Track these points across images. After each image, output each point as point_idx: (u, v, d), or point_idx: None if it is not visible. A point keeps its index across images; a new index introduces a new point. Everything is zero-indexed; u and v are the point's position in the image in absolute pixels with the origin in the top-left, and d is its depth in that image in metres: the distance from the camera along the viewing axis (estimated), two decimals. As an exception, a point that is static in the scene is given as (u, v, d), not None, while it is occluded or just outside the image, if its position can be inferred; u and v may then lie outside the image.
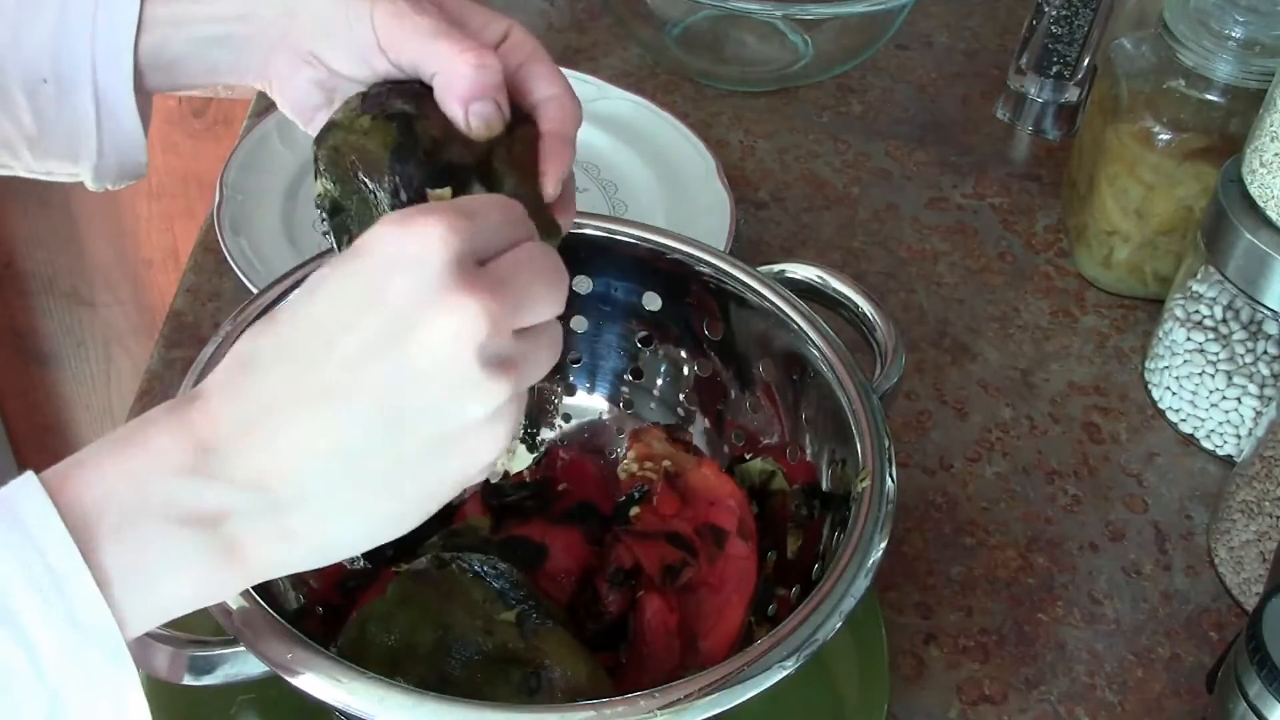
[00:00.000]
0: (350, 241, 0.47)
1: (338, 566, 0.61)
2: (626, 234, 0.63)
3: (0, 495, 0.38)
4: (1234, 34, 0.78)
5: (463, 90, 0.49)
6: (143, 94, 0.56)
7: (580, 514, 0.63)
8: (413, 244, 0.39)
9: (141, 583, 0.38)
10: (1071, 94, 0.98)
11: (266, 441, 0.39)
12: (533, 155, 0.52)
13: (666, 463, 0.64)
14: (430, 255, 0.39)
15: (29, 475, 0.38)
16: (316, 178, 0.50)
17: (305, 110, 0.55)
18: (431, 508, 0.42)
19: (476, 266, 0.40)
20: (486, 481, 0.65)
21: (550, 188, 0.52)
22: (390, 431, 0.39)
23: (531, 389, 0.43)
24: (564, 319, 0.44)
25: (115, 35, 0.53)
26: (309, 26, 0.53)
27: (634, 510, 0.62)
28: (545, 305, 0.42)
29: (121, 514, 0.38)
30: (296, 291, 0.42)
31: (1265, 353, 0.74)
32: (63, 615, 0.37)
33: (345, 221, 0.50)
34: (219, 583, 0.40)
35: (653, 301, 0.65)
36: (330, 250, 0.53)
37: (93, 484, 0.38)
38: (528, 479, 0.66)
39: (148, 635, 0.47)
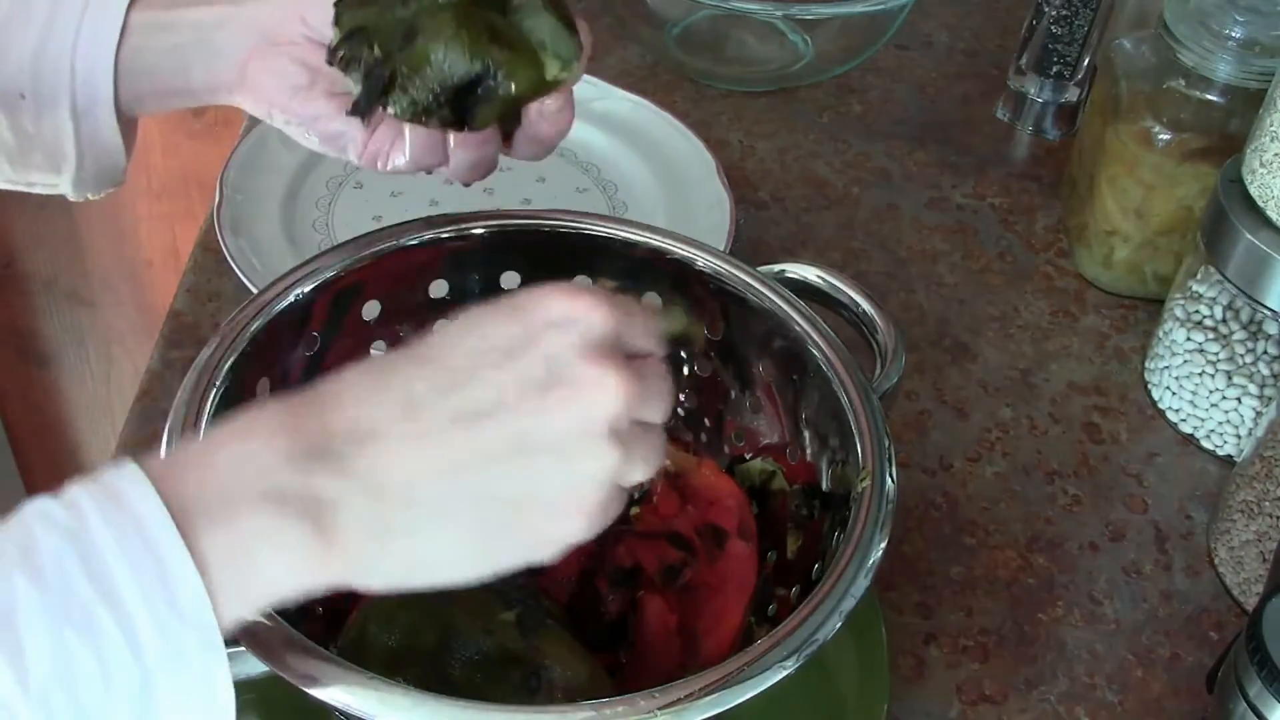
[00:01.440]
0: (366, 71, 0.52)
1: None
2: (626, 234, 0.63)
3: (103, 480, 0.39)
4: (1234, 34, 0.78)
5: None
6: (121, 108, 0.56)
7: None
8: (578, 310, 0.42)
9: (238, 569, 0.39)
10: (1071, 94, 0.98)
11: (393, 447, 0.40)
12: None
13: (667, 463, 0.64)
14: (592, 324, 0.42)
15: (129, 462, 0.39)
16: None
17: (285, 93, 0.55)
18: (512, 559, 0.43)
19: (611, 349, 0.43)
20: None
21: None
22: (509, 468, 0.41)
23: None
24: None
25: (97, 45, 0.54)
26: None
27: (634, 510, 0.62)
28: (659, 409, 0.44)
29: (223, 498, 0.39)
30: (446, 324, 0.44)
31: (1265, 353, 0.75)
32: (162, 598, 0.37)
33: (361, 41, 0.52)
34: (312, 573, 0.40)
35: (653, 301, 0.65)
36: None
37: (196, 471, 0.40)
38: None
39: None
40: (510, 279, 0.63)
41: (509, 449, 0.41)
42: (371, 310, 0.62)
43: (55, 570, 0.37)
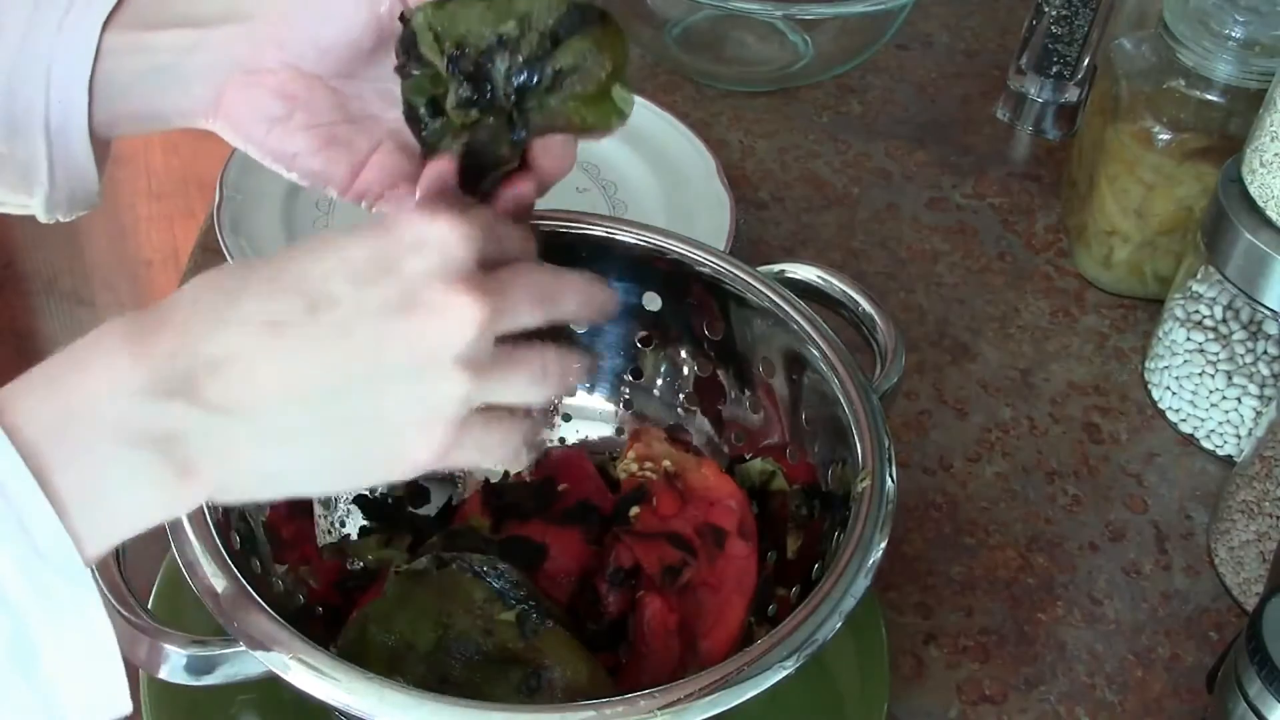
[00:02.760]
0: (429, 104, 0.50)
1: (337, 566, 0.61)
2: (626, 234, 0.63)
3: None
4: (1234, 34, 0.78)
5: None
6: (95, 131, 0.55)
7: (580, 514, 0.63)
8: (436, 233, 0.42)
9: (95, 504, 0.39)
10: (1071, 94, 0.98)
11: (245, 370, 0.40)
12: None
13: (666, 463, 0.64)
14: (450, 245, 0.42)
15: None
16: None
17: (261, 125, 0.53)
18: (366, 477, 0.45)
19: (482, 271, 0.43)
20: (486, 481, 0.65)
21: None
22: (360, 390, 0.41)
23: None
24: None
25: (72, 67, 0.52)
26: (289, 13, 0.52)
27: (634, 510, 0.62)
28: (529, 317, 0.44)
29: (75, 435, 0.39)
30: (299, 245, 0.43)
31: (1265, 353, 0.74)
32: (19, 540, 0.37)
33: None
34: (169, 503, 0.41)
35: (653, 301, 0.64)
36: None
37: (45, 403, 0.39)
38: (528, 479, 0.66)
39: (149, 635, 0.47)
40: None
41: (360, 372, 0.41)
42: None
43: None
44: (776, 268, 0.63)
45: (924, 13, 1.10)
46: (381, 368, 0.41)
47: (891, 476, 0.54)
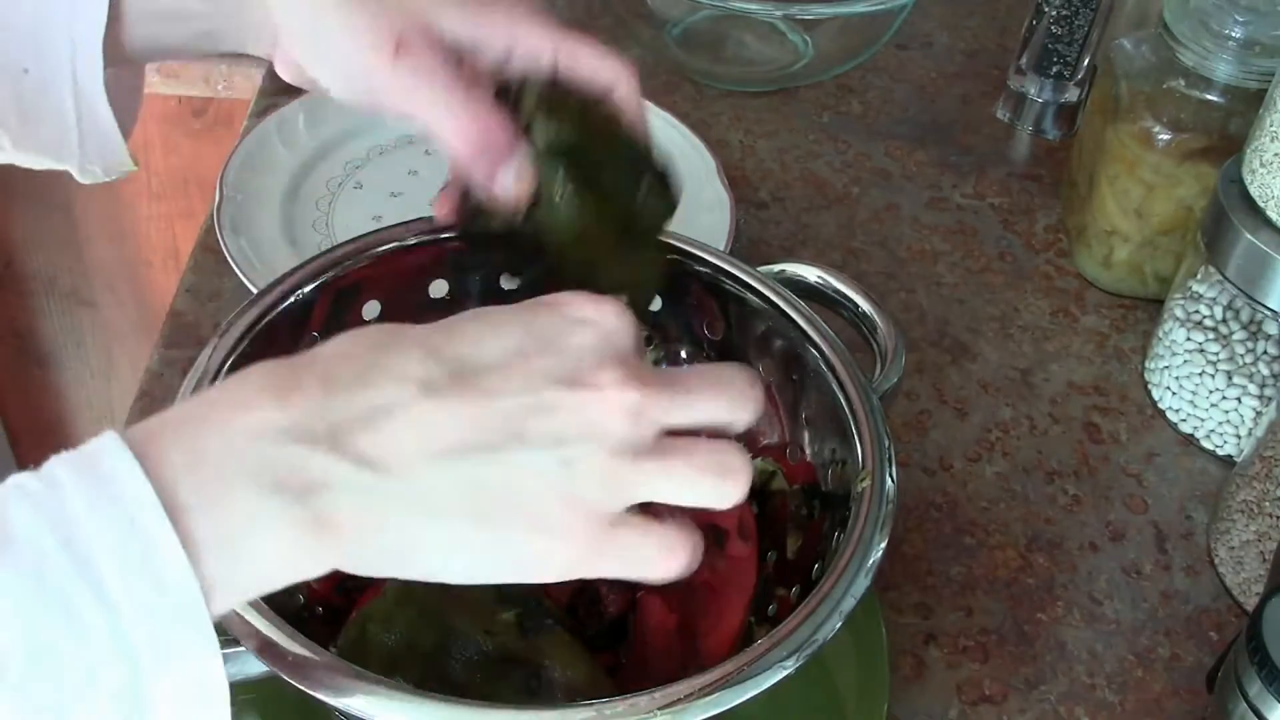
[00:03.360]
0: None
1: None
2: (626, 234, 0.63)
3: (84, 451, 0.37)
4: (1234, 34, 0.78)
5: (461, 160, 0.51)
6: (125, 76, 0.55)
7: None
8: (603, 314, 0.42)
9: (229, 556, 0.37)
10: (1071, 94, 0.98)
11: (396, 426, 0.38)
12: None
13: None
14: (616, 329, 0.41)
15: (111, 433, 0.37)
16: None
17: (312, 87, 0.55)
18: (495, 570, 0.41)
19: (633, 360, 0.42)
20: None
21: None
22: (508, 459, 0.39)
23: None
24: None
25: (90, 27, 0.53)
26: (299, 52, 0.53)
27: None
28: (705, 409, 0.42)
29: (212, 477, 0.37)
30: (465, 313, 0.42)
31: (1265, 353, 0.74)
32: (148, 585, 0.35)
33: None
34: (303, 560, 0.38)
35: (653, 301, 0.64)
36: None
37: (185, 443, 0.37)
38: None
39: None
40: (511, 279, 0.63)
41: (511, 442, 0.39)
42: (371, 310, 0.62)
43: (31, 552, 0.34)
44: (776, 268, 0.63)
45: (924, 13, 1.10)
46: (531, 439, 0.39)
47: (891, 476, 0.54)
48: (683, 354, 0.65)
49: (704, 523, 0.61)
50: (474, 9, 0.53)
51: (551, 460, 0.39)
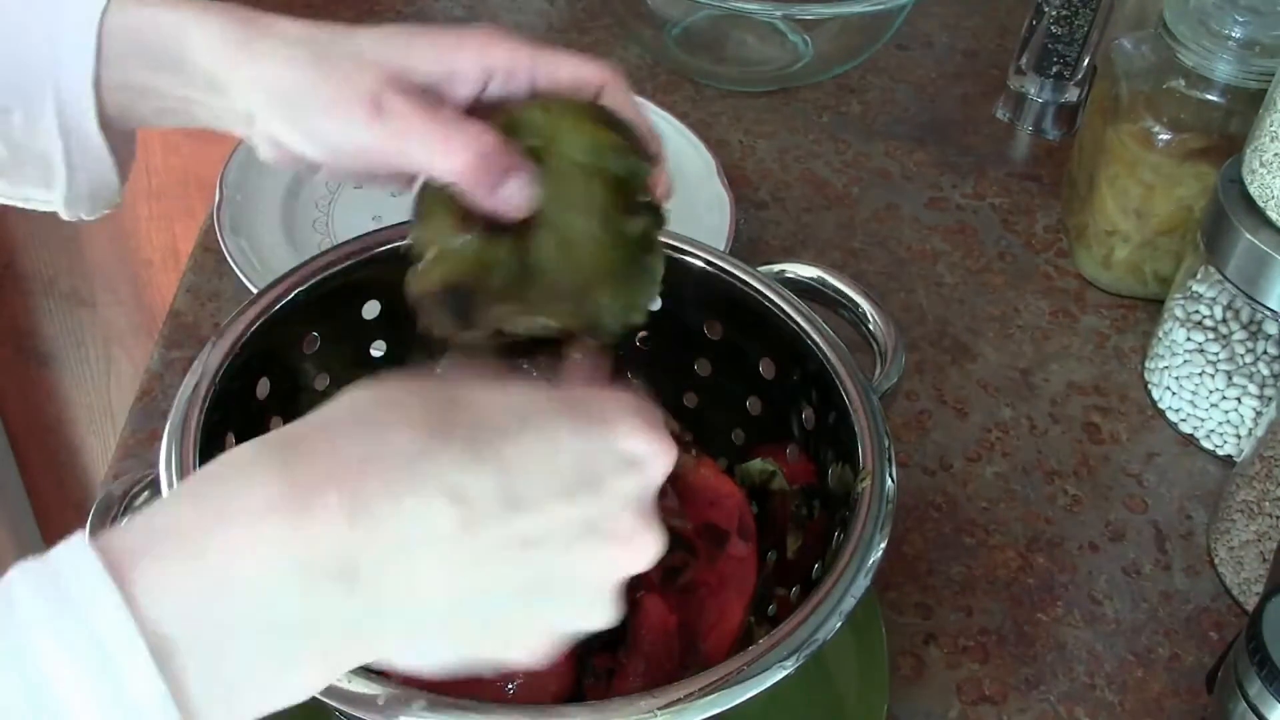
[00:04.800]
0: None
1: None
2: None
3: (50, 562, 0.33)
4: (1234, 34, 0.78)
5: (468, 185, 0.49)
6: (114, 131, 0.55)
7: None
8: (650, 453, 0.40)
9: (222, 692, 0.34)
10: (1071, 94, 0.98)
11: (422, 565, 0.36)
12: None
13: None
14: (657, 475, 0.41)
15: (83, 544, 0.33)
16: None
17: (298, 169, 0.55)
18: (478, 665, 0.41)
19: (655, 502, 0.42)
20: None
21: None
22: (522, 603, 0.39)
23: None
24: None
25: (75, 75, 0.52)
26: (273, 132, 0.52)
27: None
28: None
29: (208, 622, 0.34)
30: (511, 398, 0.40)
31: (1265, 353, 0.74)
32: None
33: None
34: (298, 690, 0.36)
35: (653, 302, 0.64)
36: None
37: (174, 575, 0.33)
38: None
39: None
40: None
41: (532, 582, 0.39)
42: (371, 310, 0.62)
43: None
44: (776, 268, 0.63)
45: (924, 13, 1.10)
46: (552, 590, 0.39)
47: (891, 476, 0.54)
48: (683, 354, 0.65)
49: (704, 523, 0.61)
50: (444, 44, 0.52)
51: (563, 611, 0.40)
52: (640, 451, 0.40)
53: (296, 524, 0.35)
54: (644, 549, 0.40)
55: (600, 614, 0.41)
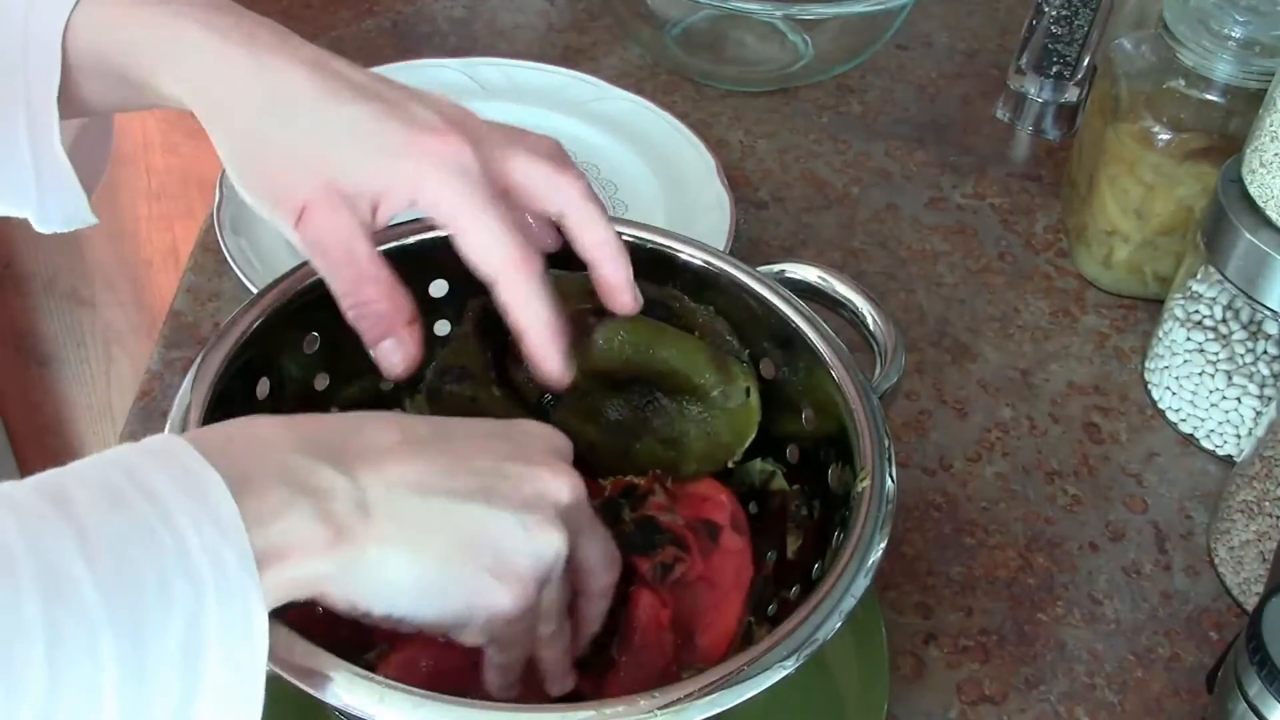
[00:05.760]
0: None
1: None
2: (626, 234, 0.63)
3: (156, 448, 0.41)
4: (1234, 34, 0.78)
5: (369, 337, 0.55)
6: (95, 127, 0.56)
7: None
8: (556, 439, 0.51)
9: (264, 528, 0.41)
10: (1071, 94, 0.98)
11: (389, 462, 0.45)
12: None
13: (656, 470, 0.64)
14: (558, 449, 0.50)
15: (171, 435, 0.43)
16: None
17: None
18: (457, 603, 0.46)
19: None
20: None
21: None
22: (479, 508, 0.46)
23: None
24: None
25: (43, 85, 0.53)
26: (222, 156, 0.55)
27: (625, 512, 0.62)
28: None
29: (248, 471, 0.42)
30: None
31: (1265, 353, 0.75)
32: (209, 519, 0.40)
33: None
34: (317, 555, 0.42)
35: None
36: None
37: (216, 445, 0.42)
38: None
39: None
40: None
41: (481, 493, 0.46)
42: (371, 310, 0.61)
43: (108, 490, 0.39)
44: (776, 268, 0.63)
45: (924, 13, 1.10)
46: (496, 498, 0.46)
47: (891, 476, 0.54)
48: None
49: (697, 518, 0.61)
50: (381, 160, 0.52)
51: (513, 520, 0.46)
52: (547, 479, 0.48)
53: (289, 429, 0.45)
54: (571, 480, 0.48)
55: (544, 537, 0.47)
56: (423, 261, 0.61)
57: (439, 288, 0.63)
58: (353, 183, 0.52)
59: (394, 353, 0.54)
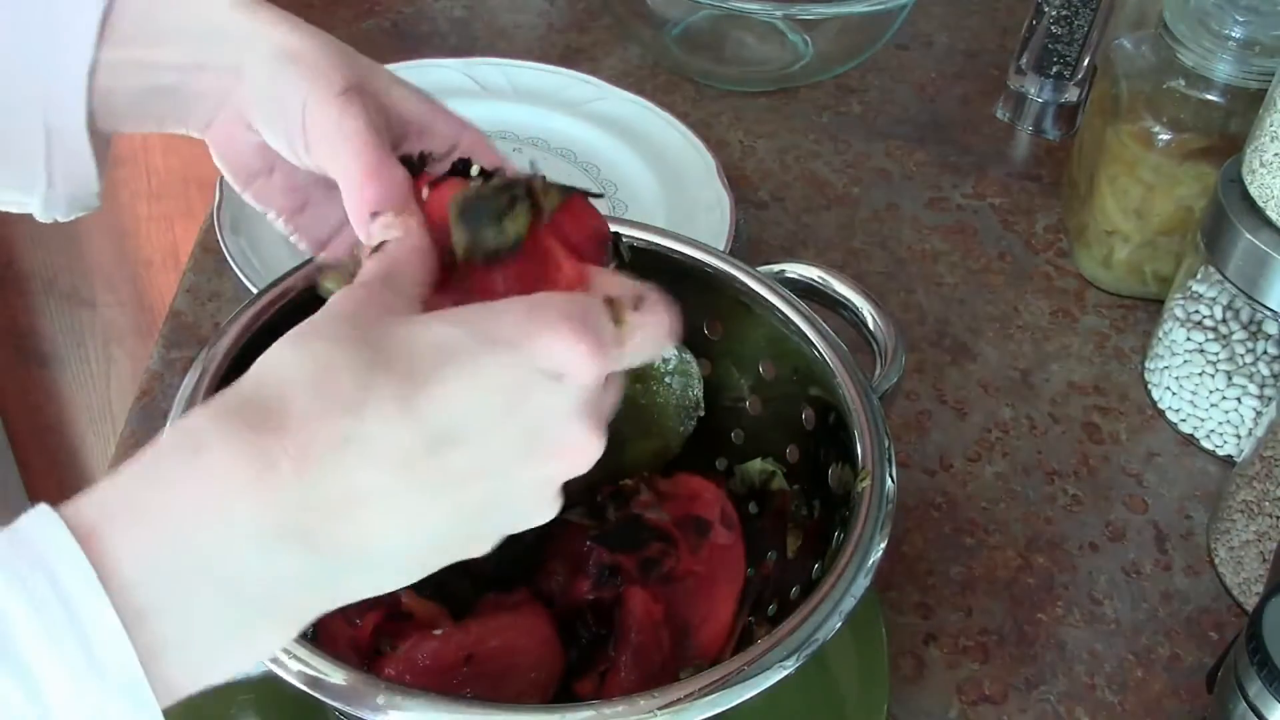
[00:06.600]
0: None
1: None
2: (626, 234, 0.63)
3: (30, 546, 0.34)
4: (1234, 34, 0.78)
5: (354, 211, 0.48)
6: (95, 134, 0.55)
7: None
8: (576, 360, 0.40)
9: (190, 650, 0.36)
10: (1071, 94, 0.98)
11: (372, 515, 0.38)
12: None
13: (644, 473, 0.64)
14: (587, 380, 0.40)
15: (61, 530, 0.34)
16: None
17: (244, 174, 0.54)
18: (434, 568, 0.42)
19: (599, 399, 0.42)
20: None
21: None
22: (466, 524, 0.41)
23: None
24: None
25: (70, 72, 0.52)
26: (250, 96, 0.52)
27: (610, 511, 0.62)
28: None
29: (182, 580, 0.35)
30: (425, 333, 0.40)
31: (1265, 353, 0.74)
32: (82, 664, 0.33)
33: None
34: (267, 649, 0.39)
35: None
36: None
37: (140, 537, 0.35)
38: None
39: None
40: None
41: (479, 514, 0.41)
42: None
43: None
44: (776, 268, 0.63)
45: (924, 13, 1.10)
46: (500, 510, 0.41)
47: (891, 476, 0.54)
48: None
49: (686, 515, 0.61)
50: (431, 101, 0.52)
51: (510, 516, 0.42)
52: (559, 362, 0.40)
53: (253, 492, 0.36)
54: (580, 455, 0.41)
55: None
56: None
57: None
58: (401, 104, 0.52)
59: (389, 228, 0.48)
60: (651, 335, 0.43)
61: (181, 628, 0.35)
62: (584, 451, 0.41)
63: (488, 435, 0.39)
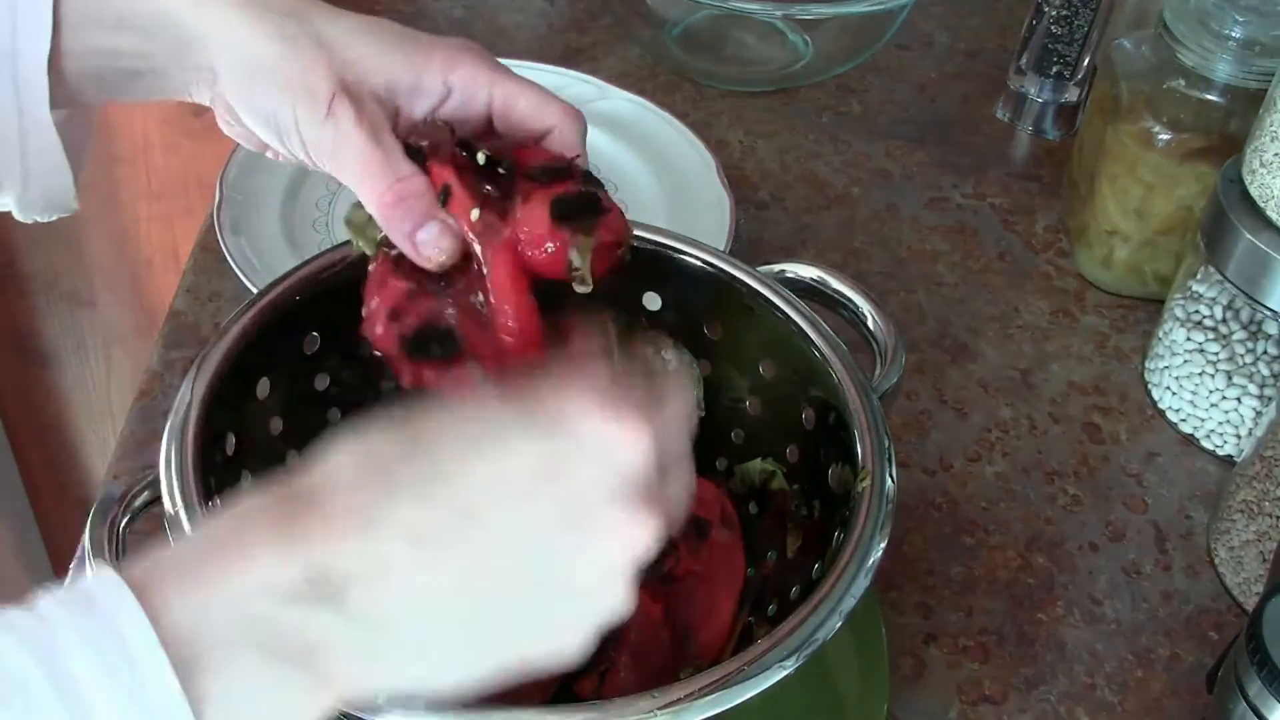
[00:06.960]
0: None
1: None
2: (626, 234, 0.63)
3: (78, 588, 0.35)
4: (1234, 34, 0.78)
5: (381, 220, 0.50)
6: (68, 126, 0.54)
7: None
8: (614, 439, 0.39)
9: (233, 710, 0.36)
10: (1071, 94, 0.98)
11: (396, 585, 0.38)
12: None
13: None
14: (631, 462, 0.39)
15: (109, 571, 0.36)
16: None
17: (254, 145, 0.54)
18: (498, 676, 0.41)
19: (658, 480, 0.40)
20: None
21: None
22: (519, 608, 0.39)
23: None
24: None
25: (33, 63, 0.52)
26: (236, 103, 0.52)
27: None
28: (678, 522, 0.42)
29: (217, 639, 0.36)
30: (467, 422, 0.40)
31: (1265, 353, 0.75)
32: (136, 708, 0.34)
33: None
34: (302, 713, 0.38)
35: (653, 301, 0.64)
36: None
37: (186, 597, 0.36)
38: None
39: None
40: None
41: (519, 590, 0.39)
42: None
43: (16, 686, 0.33)
44: (776, 268, 0.63)
45: (924, 13, 1.10)
46: (541, 586, 0.39)
47: (891, 476, 0.54)
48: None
49: (686, 515, 0.61)
50: (410, 52, 0.52)
51: (573, 604, 0.40)
52: (599, 436, 0.39)
53: (284, 557, 0.37)
54: (634, 536, 0.39)
55: (611, 601, 0.40)
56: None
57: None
58: (385, 76, 0.52)
59: (441, 237, 0.50)
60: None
61: (225, 682, 0.36)
62: (632, 533, 0.39)
63: (516, 506, 0.38)
